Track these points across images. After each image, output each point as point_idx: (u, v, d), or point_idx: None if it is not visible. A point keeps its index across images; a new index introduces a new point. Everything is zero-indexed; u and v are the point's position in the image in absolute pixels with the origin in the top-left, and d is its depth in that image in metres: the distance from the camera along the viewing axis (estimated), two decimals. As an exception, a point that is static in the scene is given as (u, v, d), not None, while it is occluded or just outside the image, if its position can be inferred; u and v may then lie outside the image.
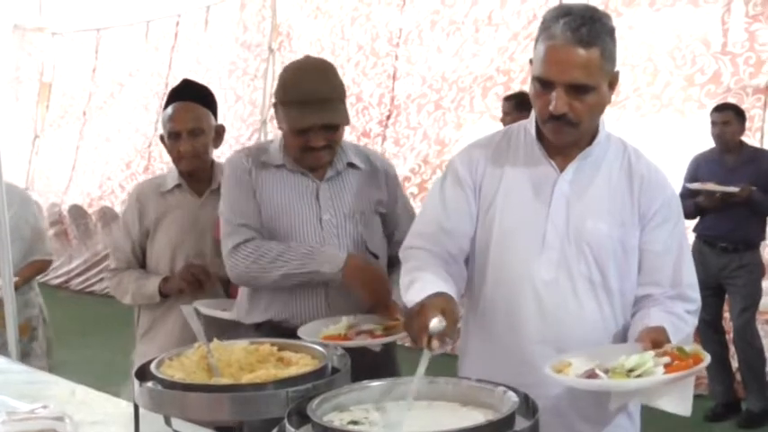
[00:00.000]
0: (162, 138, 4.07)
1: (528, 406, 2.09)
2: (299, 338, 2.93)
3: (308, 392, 2.20)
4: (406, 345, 3.09)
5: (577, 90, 2.66)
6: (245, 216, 3.38)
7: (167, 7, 14.13)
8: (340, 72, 3.47)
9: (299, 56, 11.63)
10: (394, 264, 3.51)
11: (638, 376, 2.37)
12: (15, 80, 16.71)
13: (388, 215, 3.56)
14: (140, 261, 4.07)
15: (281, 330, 3.24)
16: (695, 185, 6.68)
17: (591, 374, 2.42)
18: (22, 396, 3.18)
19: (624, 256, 2.81)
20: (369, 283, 3.25)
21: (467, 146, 3.09)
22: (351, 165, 3.48)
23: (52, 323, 6.00)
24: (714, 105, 6.95)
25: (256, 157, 3.45)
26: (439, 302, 2.54)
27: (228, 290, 3.94)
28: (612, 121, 7.86)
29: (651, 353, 2.45)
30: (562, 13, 2.70)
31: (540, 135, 2.86)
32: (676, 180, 6.94)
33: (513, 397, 2.11)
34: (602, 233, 2.79)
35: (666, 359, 2.40)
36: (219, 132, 4.10)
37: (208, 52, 13.33)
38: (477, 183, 2.92)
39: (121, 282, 4.04)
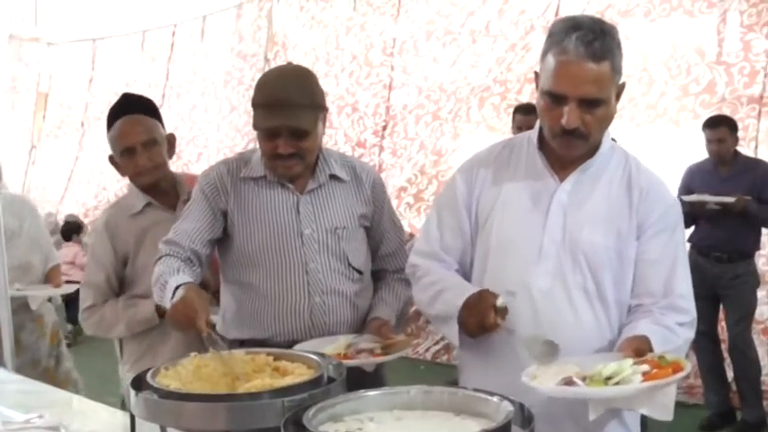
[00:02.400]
0: (111, 159, 3.94)
1: (523, 415, 2.09)
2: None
3: (303, 402, 2.20)
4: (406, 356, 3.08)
5: (589, 104, 2.68)
6: (182, 232, 3.32)
7: (163, 17, 14.16)
8: (334, 82, 3.47)
9: (295, 66, 11.71)
10: (381, 278, 3.51)
11: (616, 384, 2.37)
12: (12, 90, 16.73)
13: (374, 228, 3.49)
14: (116, 291, 3.86)
15: (263, 345, 3.11)
16: (691, 197, 6.67)
17: (568, 382, 2.42)
18: (17, 406, 3.18)
19: (620, 267, 2.82)
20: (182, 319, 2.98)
21: (469, 159, 3.10)
22: (334, 177, 3.39)
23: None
24: (706, 118, 6.92)
25: (236, 170, 3.37)
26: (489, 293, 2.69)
27: (219, 299, 3.91)
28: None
29: (630, 361, 2.44)
30: (572, 26, 2.72)
31: (542, 146, 2.88)
32: (671, 190, 6.95)
33: (509, 406, 2.10)
34: (598, 243, 2.80)
35: (645, 367, 2.40)
36: (171, 142, 3.95)
37: (204, 62, 13.36)
38: (475, 197, 2.94)
39: (104, 316, 3.81)
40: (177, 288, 2.98)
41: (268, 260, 3.30)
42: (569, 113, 2.67)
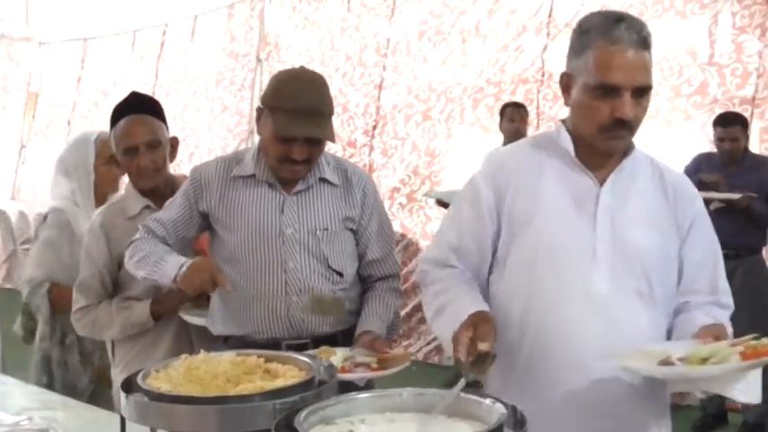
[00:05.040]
0: (113, 158, 3.93)
1: (516, 418, 2.08)
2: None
3: (295, 404, 2.19)
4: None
5: (640, 93, 2.67)
6: (158, 221, 3.43)
7: (154, 17, 14.12)
8: (328, 82, 3.45)
9: (287, 66, 11.67)
10: (370, 286, 3.53)
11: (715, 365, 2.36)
12: (2, 90, 16.70)
13: (361, 233, 3.50)
14: (109, 293, 3.84)
15: (247, 344, 3.21)
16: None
17: (666, 362, 2.42)
18: (5, 408, 3.16)
19: (665, 265, 2.81)
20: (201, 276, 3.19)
21: (489, 163, 3.05)
22: (323, 180, 3.42)
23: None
24: (718, 115, 6.90)
25: (227, 169, 3.42)
26: (484, 326, 2.58)
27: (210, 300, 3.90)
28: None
29: (725, 342, 2.45)
30: (616, 17, 2.69)
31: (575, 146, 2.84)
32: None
33: (501, 408, 2.09)
34: (646, 244, 2.78)
35: (740, 348, 2.39)
36: (174, 145, 3.95)
37: (194, 62, 13.32)
38: (507, 204, 2.86)
39: (98, 317, 3.79)
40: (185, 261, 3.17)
41: (248, 258, 3.34)
42: (625, 104, 2.63)
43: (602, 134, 2.71)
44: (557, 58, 8.78)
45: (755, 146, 7.07)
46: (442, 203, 8.18)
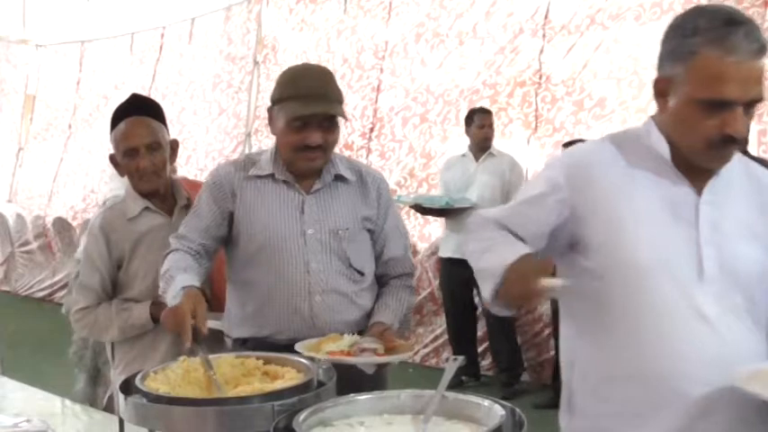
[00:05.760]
0: (112, 158, 3.86)
1: (515, 420, 2.08)
2: (287, 352, 2.92)
3: (293, 406, 2.19)
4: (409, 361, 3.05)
5: (751, 104, 2.39)
6: (191, 227, 3.42)
7: (152, 19, 14.11)
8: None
9: (283, 68, 11.61)
10: (384, 283, 3.52)
11: None
12: (0, 92, 16.69)
13: (377, 232, 3.51)
14: (110, 294, 3.82)
15: (267, 345, 3.19)
16: None
17: None
18: (3, 409, 3.16)
19: (766, 280, 2.54)
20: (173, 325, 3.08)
21: (570, 156, 2.80)
22: (340, 177, 3.44)
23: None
24: None
25: (244, 169, 3.43)
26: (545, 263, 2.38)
27: (212, 304, 3.89)
28: (598, 134, 7.90)
29: None
30: (730, 19, 2.38)
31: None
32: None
33: (500, 411, 2.09)
34: (751, 258, 2.51)
35: None
36: (174, 148, 3.92)
37: (192, 65, 13.32)
38: (589, 204, 2.55)
39: (98, 319, 3.77)
40: (182, 289, 3.06)
41: (270, 259, 3.33)
42: (737, 119, 2.35)
43: (710, 151, 2.43)
44: (553, 60, 8.78)
45: (753, 148, 7.04)
46: (420, 209, 8.22)
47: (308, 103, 3.22)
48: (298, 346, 2.98)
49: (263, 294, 3.36)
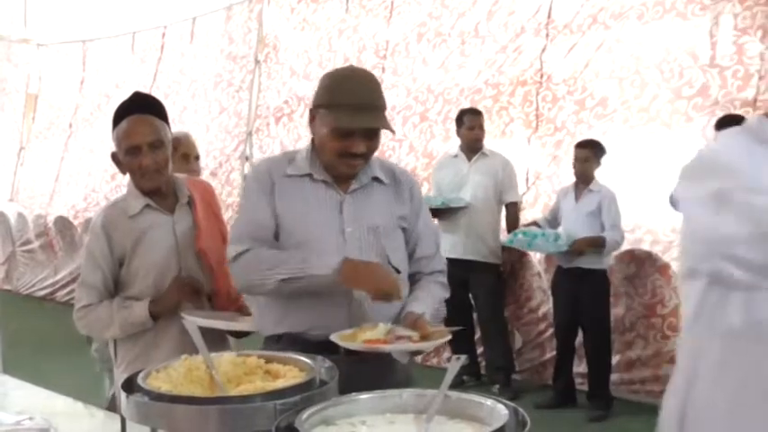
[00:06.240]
0: (114, 156, 3.84)
1: (518, 420, 2.07)
2: (321, 349, 2.94)
3: (296, 405, 2.18)
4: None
5: None
6: (255, 226, 3.35)
7: (153, 19, 14.14)
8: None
9: (285, 68, 11.75)
10: (417, 280, 3.51)
11: None
12: (1, 91, 16.73)
13: (410, 231, 3.52)
14: (111, 292, 3.80)
15: (302, 341, 3.22)
16: None
17: None
18: (3, 407, 3.16)
19: None
20: (368, 279, 3.14)
21: (703, 155, 2.59)
22: (376, 179, 3.46)
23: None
24: (719, 118, 6.77)
25: (281, 168, 3.42)
26: None
27: (213, 302, 3.88)
28: (600, 133, 7.91)
29: None
30: None
31: None
32: (663, 193, 6.93)
33: (503, 410, 2.09)
34: None
35: None
36: (176, 146, 3.96)
37: (193, 64, 13.34)
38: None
39: (99, 317, 3.75)
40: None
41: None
42: None
43: None
44: (555, 59, 8.78)
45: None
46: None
47: (357, 114, 3.23)
48: (333, 337, 3.00)
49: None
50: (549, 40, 8.90)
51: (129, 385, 2.38)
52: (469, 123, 8.11)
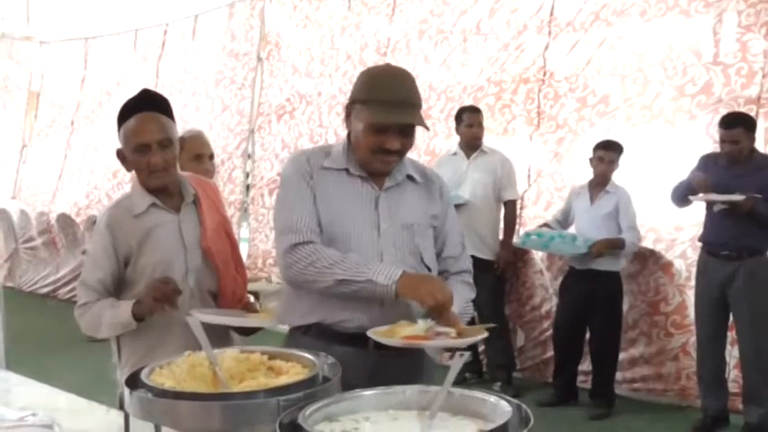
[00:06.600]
0: (119, 153, 3.80)
1: (521, 416, 2.07)
2: (351, 341, 3.06)
3: (299, 401, 2.18)
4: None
5: None
6: (309, 217, 3.33)
7: (155, 16, 14.14)
8: (328, 81, 3.48)
9: (287, 65, 11.75)
10: (444, 279, 3.49)
11: None
12: (4, 89, 16.73)
13: (439, 230, 3.54)
14: (111, 292, 3.75)
15: (332, 333, 3.24)
16: (698, 197, 6.57)
17: None
18: (7, 403, 3.16)
19: None
20: (426, 291, 3.10)
21: None
22: (409, 177, 3.49)
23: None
24: (723, 115, 6.81)
25: (318, 159, 3.42)
26: None
27: (218, 301, 3.87)
28: (602, 131, 7.91)
29: None
30: None
31: None
32: (666, 191, 6.93)
33: (506, 407, 2.09)
34: None
35: None
36: (182, 145, 3.89)
37: (195, 61, 13.34)
38: None
39: (93, 314, 3.69)
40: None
41: (345, 249, 3.29)
42: None
43: None
44: (558, 57, 8.77)
45: (761, 145, 7.01)
46: None
47: (393, 111, 3.25)
48: (370, 333, 2.99)
49: None
50: (551, 37, 8.89)
51: (133, 381, 2.38)
52: (468, 121, 8.11)
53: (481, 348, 8.36)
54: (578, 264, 7.43)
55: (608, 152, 7.31)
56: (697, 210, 6.86)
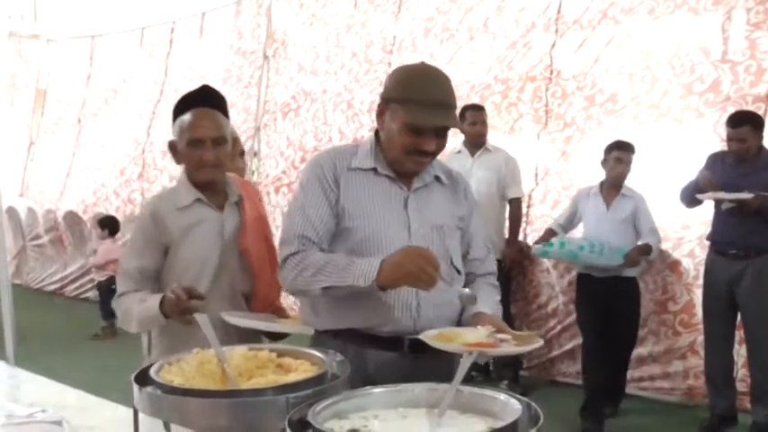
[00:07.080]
0: (172, 145, 3.81)
1: (531, 414, 2.07)
2: (385, 345, 3.06)
3: (308, 399, 2.18)
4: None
5: None
6: (307, 224, 3.28)
7: (162, 14, 14.15)
8: (333, 79, 3.45)
9: (293, 63, 11.76)
10: (470, 281, 3.49)
11: None
12: (11, 87, 16.76)
13: (465, 231, 3.51)
14: (150, 280, 3.72)
15: (361, 336, 3.20)
16: (706, 195, 6.54)
17: None
18: (16, 399, 3.17)
19: None
20: (408, 277, 2.95)
21: None
22: (437, 178, 3.45)
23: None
24: (731, 114, 6.77)
25: (345, 161, 3.37)
26: None
27: (251, 304, 3.85)
28: (610, 129, 7.89)
29: None
30: None
31: None
32: (674, 189, 6.91)
33: (516, 404, 2.09)
34: None
35: None
36: (234, 145, 3.93)
37: (202, 59, 13.35)
38: None
39: (125, 310, 3.65)
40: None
41: (376, 250, 3.22)
42: None
43: None
44: (565, 55, 8.75)
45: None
46: None
47: (431, 112, 3.19)
48: (423, 337, 2.90)
49: None
50: (558, 35, 8.87)
51: (143, 378, 2.38)
52: (472, 119, 8.08)
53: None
54: (598, 272, 7.18)
55: (626, 152, 7.20)
56: (705, 208, 6.84)
